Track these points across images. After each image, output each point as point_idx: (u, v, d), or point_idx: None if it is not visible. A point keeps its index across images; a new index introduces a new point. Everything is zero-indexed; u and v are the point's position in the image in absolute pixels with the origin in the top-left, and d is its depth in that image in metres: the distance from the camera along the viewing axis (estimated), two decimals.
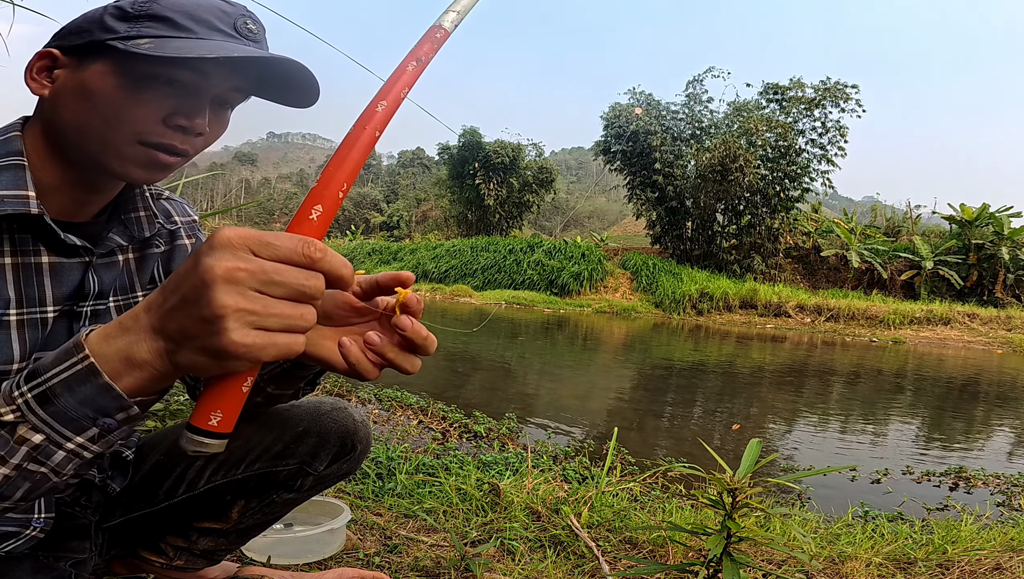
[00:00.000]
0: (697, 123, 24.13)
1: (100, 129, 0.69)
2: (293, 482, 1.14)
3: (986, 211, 21.24)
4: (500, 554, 1.65)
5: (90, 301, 0.80)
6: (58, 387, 0.47)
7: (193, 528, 1.17)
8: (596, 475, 2.45)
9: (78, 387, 0.47)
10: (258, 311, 0.44)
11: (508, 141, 32.46)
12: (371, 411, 4.03)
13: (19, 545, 0.86)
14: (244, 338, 0.43)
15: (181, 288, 0.45)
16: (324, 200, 0.50)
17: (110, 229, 0.82)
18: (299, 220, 0.49)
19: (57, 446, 0.49)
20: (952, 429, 5.87)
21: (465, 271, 23.44)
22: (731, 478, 1.31)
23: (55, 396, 0.47)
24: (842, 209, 28.56)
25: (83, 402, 0.47)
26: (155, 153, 0.71)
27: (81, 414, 0.48)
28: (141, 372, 0.47)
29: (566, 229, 67.31)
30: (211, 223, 43.84)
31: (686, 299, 18.76)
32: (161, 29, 0.68)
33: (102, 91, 0.68)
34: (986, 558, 1.75)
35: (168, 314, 0.45)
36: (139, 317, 0.47)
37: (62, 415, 0.48)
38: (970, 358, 12.16)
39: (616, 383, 7.76)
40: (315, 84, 0.75)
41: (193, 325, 0.44)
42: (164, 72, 0.68)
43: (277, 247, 0.45)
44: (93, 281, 0.80)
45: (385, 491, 2.05)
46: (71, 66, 0.70)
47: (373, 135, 0.54)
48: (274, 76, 0.75)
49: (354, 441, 1.15)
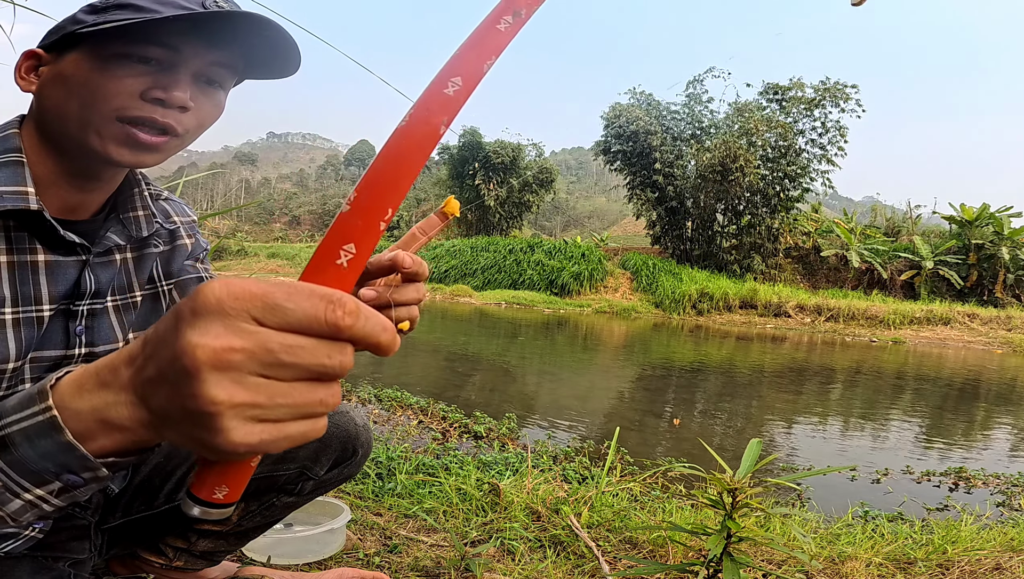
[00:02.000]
0: (697, 123, 24.13)
1: (78, 111, 0.72)
2: (293, 486, 1.13)
3: (986, 211, 21.24)
4: (500, 554, 1.65)
5: (86, 300, 0.80)
6: (16, 436, 0.39)
7: (192, 530, 1.17)
8: (596, 475, 2.45)
9: (37, 440, 0.39)
10: (263, 403, 0.34)
11: (508, 141, 32.49)
12: (371, 411, 4.03)
13: (18, 545, 0.85)
14: (247, 437, 0.34)
15: (157, 358, 0.35)
16: (359, 236, 0.36)
17: (108, 228, 0.82)
18: (321, 263, 0.36)
19: (14, 495, 0.41)
20: (952, 429, 5.87)
21: (465, 271, 23.44)
22: (731, 478, 1.31)
23: (13, 445, 0.40)
24: (842, 209, 28.56)
25: (43, 456, 0.39)
26: (133, 130, 0.71)
27: (42, 467, 0.40)
28: (119, 436, 0.38)
29: (566, 229, 67.30)
30: (211, 223, 43.27)
31: (686, 299, 18.76)
32: (127, 13, 0.70)
33: (76, 75, 0.71)
34: (986, 558, 1.75)
35: (148, 385, 0.36)
36: (118, 371, 0.38)
37: (19, 465, 0.40)
38: (970, 358, 12.16)
39: (616, 383, 7.76)
40: (293, 43, 0.74)
41: (178, 413, 0.34)
42: (134, 50, 0.70)
43: (289, 311, 0.33)
44: (89, 280, 0.80)
45: (385, 491, 2.05)
46: (51, 61, 0.74)
47: (437, 131, 0.38)
48: (248, 41, 0.74)
49: (355, 446, 1.15)
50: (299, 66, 0.79)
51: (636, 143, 23.43)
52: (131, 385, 0.37)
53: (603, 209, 75.26)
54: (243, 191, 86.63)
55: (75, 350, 0.80)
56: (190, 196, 72.80)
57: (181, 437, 0.36)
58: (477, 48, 0.39)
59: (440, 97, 0.38)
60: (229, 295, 0.33)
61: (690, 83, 24.29)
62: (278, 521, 1.21)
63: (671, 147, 23.51)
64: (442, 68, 0.39)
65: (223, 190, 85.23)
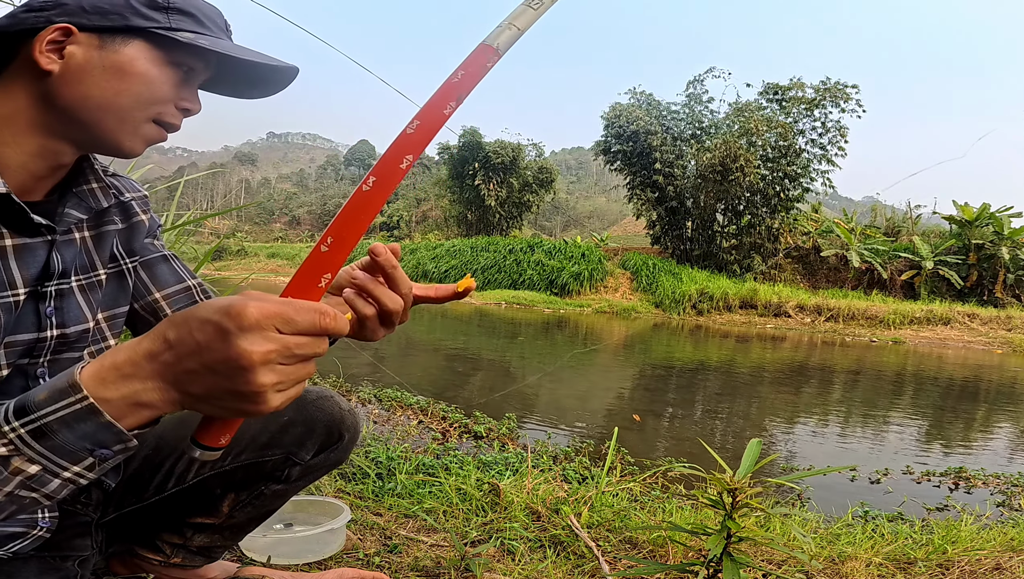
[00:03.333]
0: (697, 123, 24.12)
1: (127, 107, 0.72)
2: (280, 472, 1.14)
3: (986, 211, 21.23)
4: (500, 554, 1.65)
5: (55, 281, 0.79)
6: (54, 424, 0.48)
7: (187, 524, 1.17)
8: (596, 475, 2.45)
9: (77, 425, 0.49)
10: (284, 380, 0.50)
11: (508, 141, 32.47)
12: (371, 411, 4.03)
13: (26, 545, 0.86)
14: (276, 403, 0.50)
15: (208, 360, 0.48)
16: (334, 267, 0.52)
17: (65, 204, 0.80)
18: (306, 285, 0.52)
19: (53, 475, 0.50)
20: (952, 429, 5.87)
21: (465, 271, 23.44)
22: (731, 478, 1.31)
23: (52, 432, 0.48)
24: (842, 209, 28.54)
25: (82, 437, 0.49)
26: (163, 131, 0.77)
27: (79, 447, 0.49)
28: (147, 413, 0.50)
29: (566, 229, 67.31)
30: (211, 223, 43.22)
31: (686, 299, 18.76)
32: (191, 24, 0.74)
33: (143, 73, 0.72)
34: (986, 558, 1.75)
35: (189, 376, 0.49)
36: (140, 365, 0.49)
37: (60, 449, 0.49)
38: (970, 358, 12.16)
39: (616, 383, 7.76)
40: (287, 81, 0.83)
41: (225, 394, 0.49)
42: (189, 62, 0.75)
43: (297, 323, 0.49)
44: (57, 260, 0.78)
45: (385, 491, 2.05)
46: (93, 45, 0.69)
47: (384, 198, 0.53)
48: (258, 77, 0.83)
49: (341, 430, 1.15)
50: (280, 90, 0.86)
51: (636, 143, 23.42)
52: (159, 375, 0.49)
53: (603, 209, 75.25)
54: (243, 191, 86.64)
55: (47, 333, 0.79)
56: (190, 196, 72.77)
57: (217, 409, 0.50)
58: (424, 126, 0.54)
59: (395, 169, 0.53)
60: (263, 315, 0.47)
61: (690, 83, 24.30)
62: (271, 512, 1.21)
63: (671, 147, 23.49)
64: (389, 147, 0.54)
65: (223, 190, 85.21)
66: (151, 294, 0.96)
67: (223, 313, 0.47)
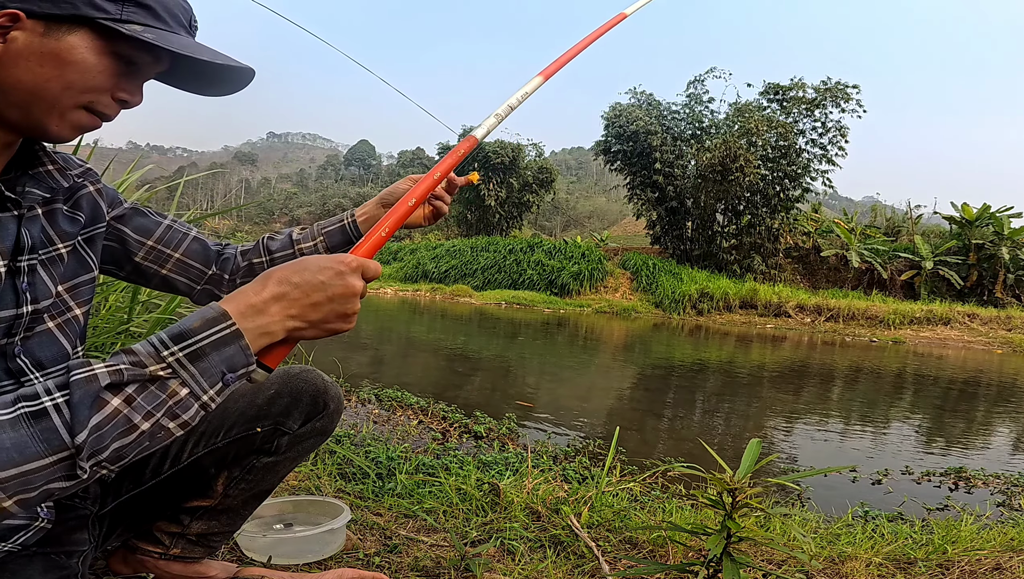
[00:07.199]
0: (698, 123, 24.13)
1: (56, 93, 0.71)
2: (270, 444, 1.17)
3: (986, 211, 21.24)
4: (500, 554, 1.65)
5: (26, 256, 0.79)
6: (208, 347, 0.60)
7: (183, 510, 1.18)
8: (596, 475, 2.45)
9: (224, 348, 0.60)
10: (359, 311, 0.70)
11: (508, 141, 32.46)
12: (371, 411, 4.03)
13: (29, 537, 0.86)
14: (354, 323, 0.70)
15: (330, 293, 0.66)
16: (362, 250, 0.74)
17: (24, 184, 0.81)
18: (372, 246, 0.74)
19: (195, 398, 0.60)
20: (952, 429, 5.87)
21: (465, 271, 23.44)
22: (731, 478, 1.31)
23: (204, 354, 0.59)
24: (842, 209, 28.56)
25: (223, 360, 0.60)
26: (96, 119, 0.76)
27: (217, 371, 0.60)
28: (267, 340, 0.64)
29: (566, 229, 67.31)
30: (211, 223, 43.30)
31: (686, 299, 18.77)
32: (146, 17, 0.73)
33: (79, 61, 0.71)
34: (986, 558, 1.75)
35: (313, 307, 0.66)
36: (268, 303, 0.64)
37: (207, 371, 0.60)
38: (970, 358, 12.16)
39: (616, 383, 7.76)
40: (245, 82, 0.85)
41: (335, 317, 0.67)
42: (135, 56, 0.74)
43: (369, 272, 0.70)
44: (26, 236, 0.79)
45: (385, 491, 2.05)
46: (37, 32, 0.70)
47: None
48: (215, 75, 0.83)
49: (325, 399, 1.20)
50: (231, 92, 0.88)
51: (636, 143, 23.42)
52: (284, 309, 0.65)
53: (603, 209, 75.26)
54: (243, 191, 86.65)
55: (23, 308, 0.79)
56: (190, 196, 72.79)
57: (321, 331, 0.68)
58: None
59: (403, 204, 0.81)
60: (357, 265, 0.68)
61: (691, 83, 24.30)
62: (264, 492, 1.24)
63: (671, 147, 23.50)
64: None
65: (223, 190, 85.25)
66: (145, 244, 1.02)
67: (336, 261, 0.67)
